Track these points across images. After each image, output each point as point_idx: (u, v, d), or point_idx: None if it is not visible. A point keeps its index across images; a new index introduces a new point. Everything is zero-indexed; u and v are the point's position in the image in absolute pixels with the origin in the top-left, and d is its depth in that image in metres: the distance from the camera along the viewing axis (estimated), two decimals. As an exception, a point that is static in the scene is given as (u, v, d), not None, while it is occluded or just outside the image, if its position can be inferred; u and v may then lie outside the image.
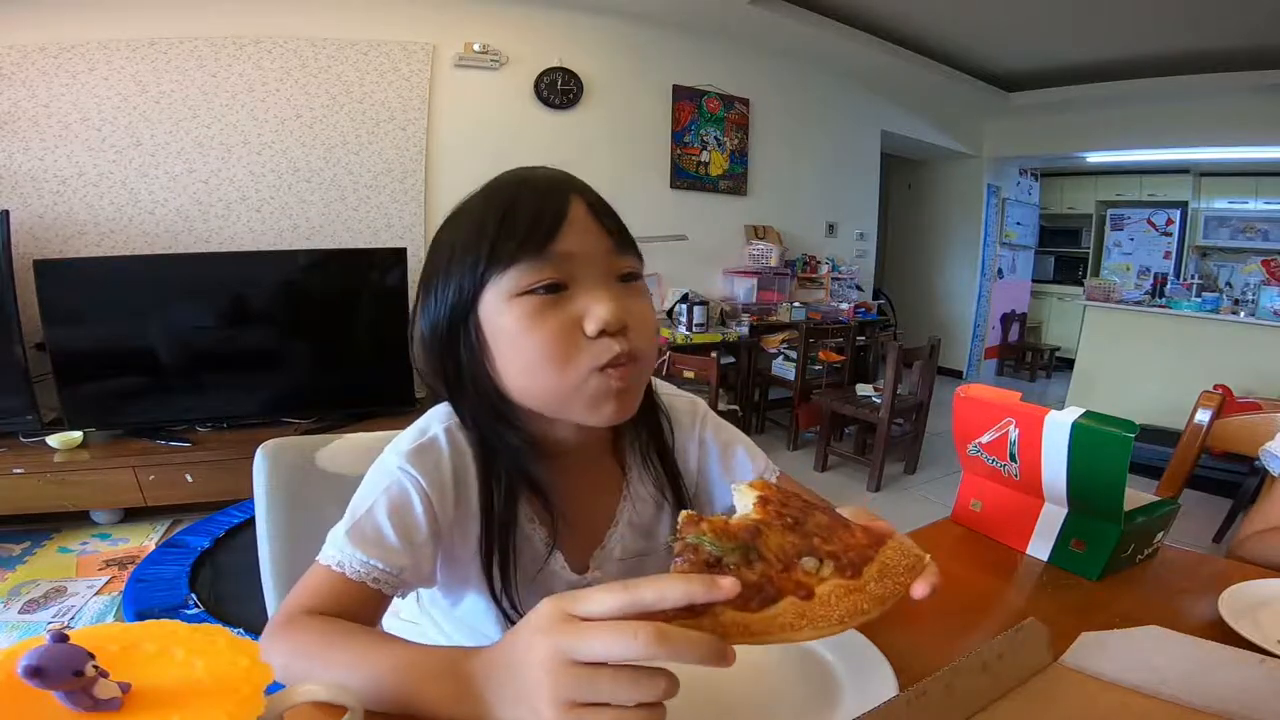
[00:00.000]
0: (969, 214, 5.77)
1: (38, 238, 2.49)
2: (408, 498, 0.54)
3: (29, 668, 0.25)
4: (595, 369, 0.51)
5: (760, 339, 3.82)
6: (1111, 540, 0.66)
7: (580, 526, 0.62)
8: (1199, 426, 1.13)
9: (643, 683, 0.33)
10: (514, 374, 0.53)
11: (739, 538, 0.37)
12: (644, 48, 3.67)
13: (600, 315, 0.50)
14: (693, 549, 0.36)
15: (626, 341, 0.52)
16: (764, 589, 0.35)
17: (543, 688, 0.34)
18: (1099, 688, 0.46)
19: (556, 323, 0.51)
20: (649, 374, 0.59)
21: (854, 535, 0.40)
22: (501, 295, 0.51)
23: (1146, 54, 4.01)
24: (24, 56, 2.44)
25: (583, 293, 0.51)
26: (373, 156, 3.06)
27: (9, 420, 2.30)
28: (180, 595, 1.84)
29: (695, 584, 0.33)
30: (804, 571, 0.37)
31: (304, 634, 0.48)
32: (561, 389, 0.52)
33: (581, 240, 0.52)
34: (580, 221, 0.52)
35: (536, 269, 0.50)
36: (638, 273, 0.57)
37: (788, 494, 0.41)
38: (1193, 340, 3.85)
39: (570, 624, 0.34)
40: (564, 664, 0.34)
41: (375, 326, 2.76)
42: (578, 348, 0.51)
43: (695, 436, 0.68)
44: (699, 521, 0.37)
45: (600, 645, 0.33)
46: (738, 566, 0.36)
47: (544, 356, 0.51)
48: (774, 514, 0.39)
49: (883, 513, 0.44)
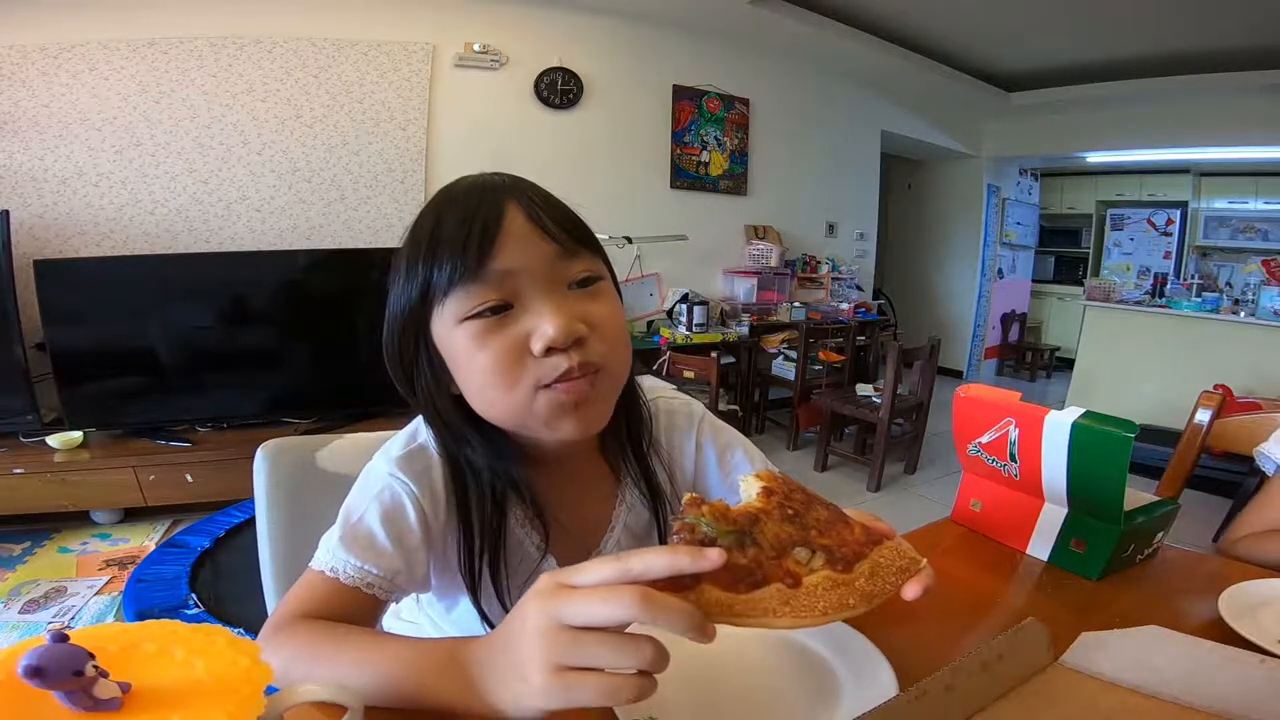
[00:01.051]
0: (969, 214, 5.77)
1: (38, 238, 2.49)
2: (400, 503, 0.54)
3: (29, 668, 0.25)
4: (541, 387, 0.50)
5: (760, 339, 3.82)
6: (1111, 540, 0.66)
7: (575, 531, 0.61)
8: (1199, 426, 1.13)
9: (628, 648, 0.33)
10: (471, 395, 0.53)
11: (737, 523, 0.37)
12: (644, 48, 3.67)
13: (545, 333, 0.48)
14: (689, 529, 0.36)
15: (581, 353, 0.49)
16: (752, 573, 0.36)
17: (534, 653, 0.35)
18: (1099, 688, 0.46)
19: (501, 344, 0.49)
20: (617, 380, 0.55)
21: (852, 532, 0.40)
22: (449, 318, 0.50)
23: (1146, 54, 4.01)
24: (24, 56, 2.44)
25: (529, 309, 0.49)
26: (373, 156, 3.06)
27: (9, 420, 2.30)
28: (180, 595, 1.84)
29: (681, 554, 0.34)
30: (795, 561, 0.37)
31: (303, 637, 0.47)
32: (513, 410, 0.51)
33: (521, 253, 0.49)
34: (518, 232, 0.50)
35: (477, 293, 0.49)
36: (595, 274, 0.53)
37: (793, 486, 0.41)
38: (1193, 340, 3.85)
39: (562, 590, 0.35)
40: (554, 628, 0.34)
41: (375, 326, 2.70)
42: (523, 367, 0.49)
43: (692, 439, 0.68)
44: (701, 504, 0.37)
45: (585, 608, 0.34)
46: (730, 549, 0.36)
47: (490, 381, 0.50)
48: (776, 505, 0.39)
49: (883, 513, 0.44)
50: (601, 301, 0.53)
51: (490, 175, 0.54)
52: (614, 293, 0.56)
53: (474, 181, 0.53)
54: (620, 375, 0.55)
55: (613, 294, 0.55)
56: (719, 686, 0.48)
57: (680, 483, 0.67)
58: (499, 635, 0.39)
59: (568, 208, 0.54)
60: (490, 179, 0.54)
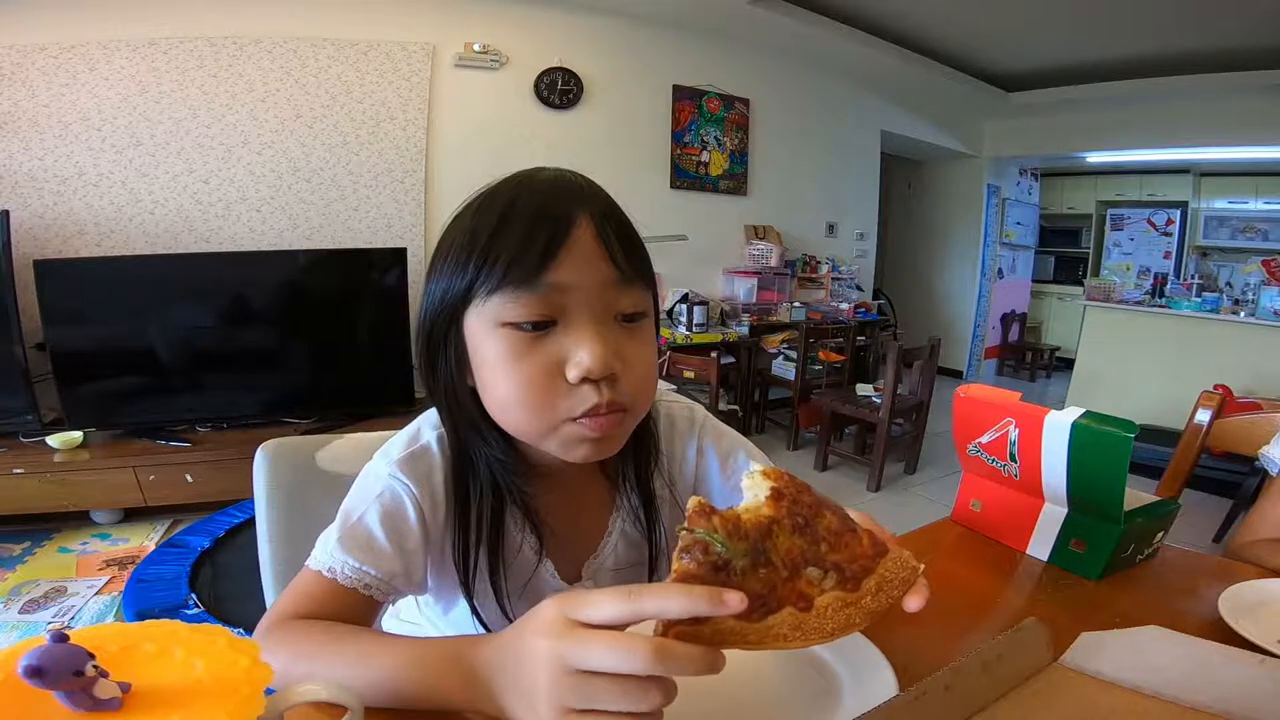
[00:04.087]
0: (969, 214, 5.77)
1: (38, 238, 2.49)
2: (401, 505, 0.54)
3: (29, 668, 0.25)
4: (570, 419, 0.48)
5: (760, 339, 3.82)
6: (1111, 540, 0.66)
7: (571, 536, 0.61)
8: (1199, 426, 1.13)
9: (636, 694, 0.33)
10: (491, 401, 0.51)
11: (750, 537, 0.36)
12: (644, 48, 3.67)
13: (584, 363, 0.46)
14: (701, 547, 0.35)
15: (611, 390, 0.48)
16: (767, 601, 0.35)
17: (542, 690, 0.35)
18: (1099, 688, 0.46)
19: (537, 364, 0.47)
20: (638, 419, 0.54)
21: (860, 543, 0.39)
22: (486, 319, 0.48)
23: (1146, 54, 4.01)
24: (24, 56, 2.44)
25: (571, 332, 0.47)
26: (373, 156, 3.06)
27: (9, 420, 2.30)
28: (180, 595, 1.84)
29: (700, 598, 0.33)
30: (807, 581, 0.37)
31: (302, 637, 0.47)
32: (534, 430, 0.50)
33: (580, 270, 0.47)
34: (583, 246, 0.47)
35: (524, 303, 0.46)
36: (643, 311, 0.51)
37: (801, 486, 0.40)
38: (1193, 340, 3.85)
39: (572, 631, 0.35)
40: (563, 670, 0.34)
41: (375, 326, 2.76)
42: (555, 393, 0.48)
43: (694, 445, 0.67)
44: (710, 514, 0.36)
45: (600, 657, 0.33)
46: (744, 572, 0.35)
47: (519, 398, 0.48)
48: (786, 511, 0.38)
49: (883, 513, 0.44)
50: (640, 341, 0.51)
51: (568, 176, 0.52)
52: (653, 333, 0.54)
53: (551, 180, 0.51)
54: (641, 414, 0.54)
55: (651, 334, 0.54)
56: (718, 686, 0.47)
57: (680, 488, 0.66)
58: (509, 647, 0.39)
59: (634, 229, 0.52)
60: (568, 181, 0.51)
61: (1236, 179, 5.45)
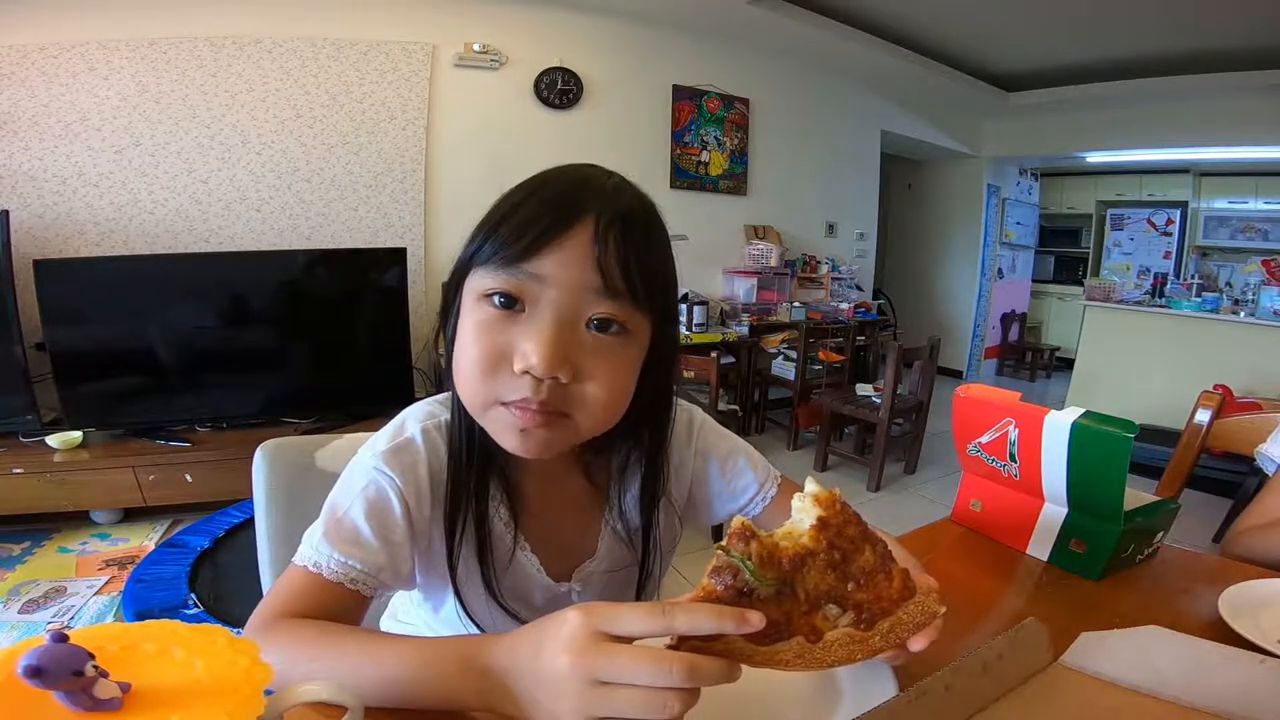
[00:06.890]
0: (969, 214, 5.77)
1: (38, 238, 2.49)
2: (385, 497, 0.54)
3: (29, 668, 0.25)
4: (501, 402, 0.49)
5: (760, 339, 3.82)
6: (1111, 540, 0.66)
7: (559, 535, 0.61)
8: (1199, 426, 1.13)
9: (658, 704, 0.35)
10: (454, 369, 0.52)
11: (781, 568, 0.37)
12: (644, 48, 3.67)
13: (528, 357, 0.46)
14: (732, 571, 0.36)
15: (548, 391, 0.47)
16: (781, 629, 0.37)
17: (566, 700, 0.36)
18: (1099, 688, 0.46)
19: (495, 343, 0.48)
20: (581, 435, 0.51)
21: (890, 584, 0.40)
22: (474, 288, 0.50)
23: (1146, 54, 4.01)
24: (24, 56, 2.44)
25: (533, 323, 0.47)
26: (373, 156, 3.05)
27: (9, 420, 2.30)
28: (180, 595, 1.84)
29: (727, 619, 0.35)
30: (823, 616, 0.38)
31: (299, 636, 0.47)
32: (473, 404, 0.51)
33: (563, 267, 0.47)
34: (575, 245, 0.47)
35: (499, 280, 0.47)
36: (620, 323, 0.49)
37: (849, 518, 0.40)
38: (1193, 340, 3.85)
39: (601, 646, 0.36)
40: (590, 681, 0.35)
41: (375, 326, 2.76)
42: (498, 375, 0.48)
43: (692, 448, 0.67)
44: (750, 539, 0.37)
45: (632, 673, 0.35)
46: (767, 600, 0.36)
47: (469, 371, 0.49)
48: (825, 544, 0.38)
49: (883, 513, 0.44)
50: (607, 356, 0.49)
51: (601, 177, 0.52)
52: (631, 354, 0.51)
53: (585, 177, 0.51)
54: (588, 433, 0.51)
55: (629, 355, 0.51)
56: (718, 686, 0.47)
57: (676, 493, 0.66)
58: (527, 652, 0.39)
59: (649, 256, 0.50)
60: (600, 181, 0.51)
61: (1236, 179, 5.44)
